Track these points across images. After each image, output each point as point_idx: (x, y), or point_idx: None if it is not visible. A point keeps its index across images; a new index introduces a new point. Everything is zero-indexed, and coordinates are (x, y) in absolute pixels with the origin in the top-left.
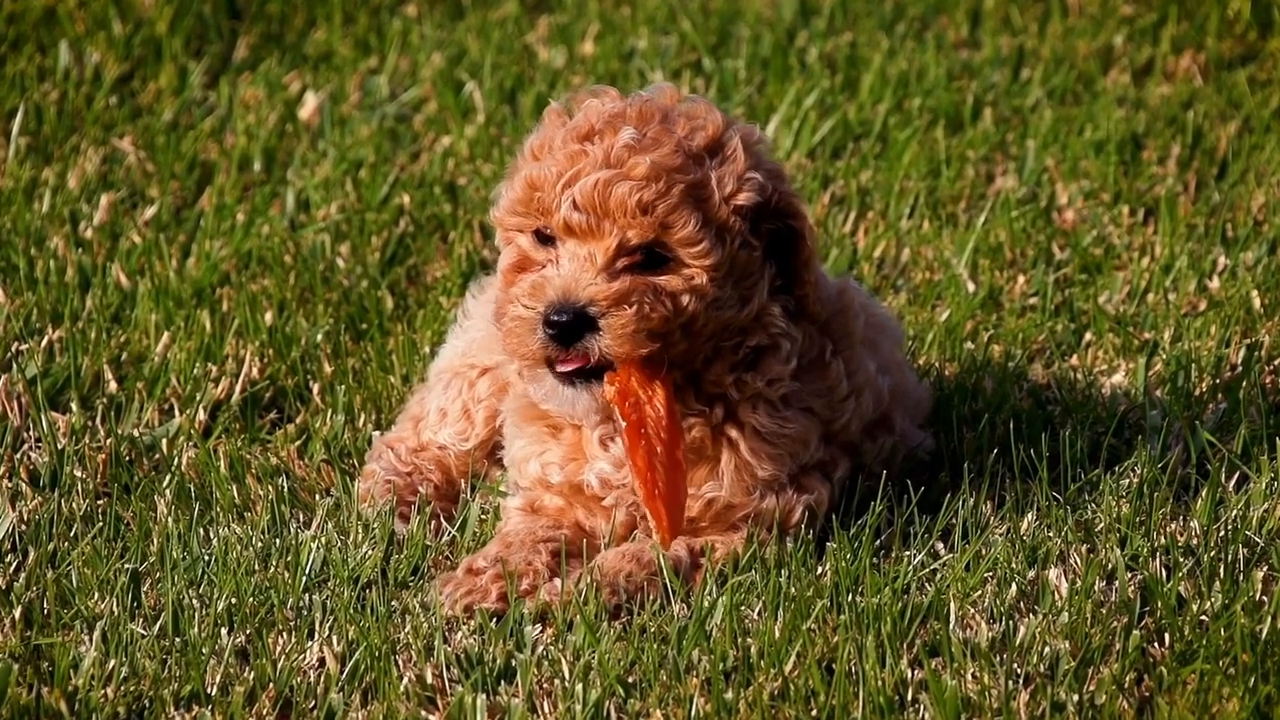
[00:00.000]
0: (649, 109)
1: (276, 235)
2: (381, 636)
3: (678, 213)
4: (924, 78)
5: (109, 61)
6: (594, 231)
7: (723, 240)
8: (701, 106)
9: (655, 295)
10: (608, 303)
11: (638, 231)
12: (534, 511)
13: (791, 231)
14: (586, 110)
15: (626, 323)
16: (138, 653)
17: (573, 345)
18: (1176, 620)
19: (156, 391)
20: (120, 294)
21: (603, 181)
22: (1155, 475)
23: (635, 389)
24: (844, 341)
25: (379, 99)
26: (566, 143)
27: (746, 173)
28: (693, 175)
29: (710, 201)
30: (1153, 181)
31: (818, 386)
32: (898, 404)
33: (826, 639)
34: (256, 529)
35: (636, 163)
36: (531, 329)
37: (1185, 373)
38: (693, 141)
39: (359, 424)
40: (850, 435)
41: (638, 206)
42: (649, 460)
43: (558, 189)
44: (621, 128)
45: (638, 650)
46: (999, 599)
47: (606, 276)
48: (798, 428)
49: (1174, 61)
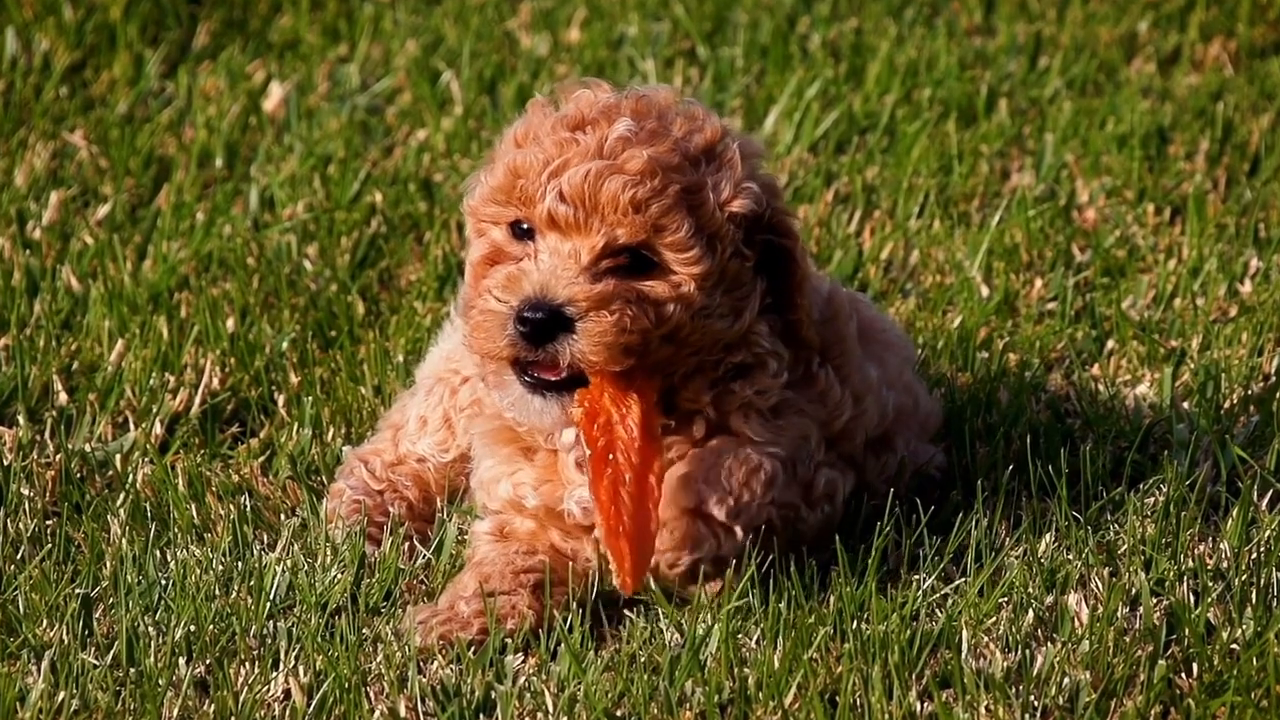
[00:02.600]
0: (645, 104)
1: (239, 236)
2: (351, 667)
3: (671, 215)
4: (934, 67)
5: (59, 49)
6: (580, 227)
7: (714, 249)
8: (700, 109)
9: (639, 304)
10: (588, 305)
11: (627, 231)
12: (504, 536)
13: (783, 252)
14: (578, 100)
15: (605, 330)
16: (89, 684)
17: (544, 346)
18: (1205, 649)
19: (110, 403)
20: (71, 299)
21: (594, 173)
22: (1182, 493)
23: (607, 406)
24: (835, 349)
25: (349, 89)
26: (556, 130)
27: (743, 181)
28: (689, 177)
29: (705, 207)
30: (1180, 178)
31: (810, 394)
32: (902, 425)
33: (830, 669)
34: (217, 551)
35: (632, 156)
36: (501, 325)
37: (1215, 383)
38: (690, 143)
39: (327, 438)
40: (853, 444)
41: (630, 203)
42: (613, 492)
43: (543, 178)
44: (617, 119)
45: (627, 681)
46: (1015, 626)
47: (589, 276)
48: (795, 427)
49: (1203, 49)
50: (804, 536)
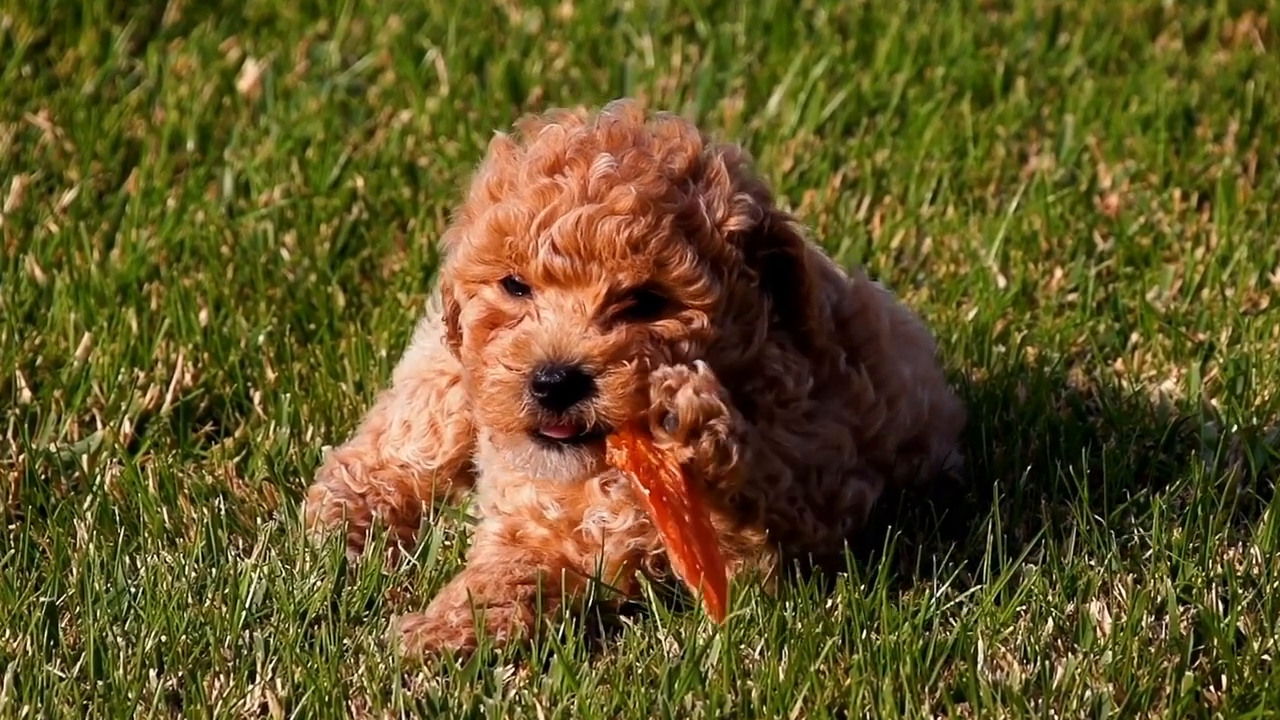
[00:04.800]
0: (618, 131)
1: (212, 223)
2: (332, 679)
3: (671, 248)
4: (948, 44)
5: (21, 26)
6: (579, 277)
7: (720, 274)
8: (675, 124)
9: (655, 345)
10: (604, 358)
11: (629, 273)
12: (514, 540)
13: (787, 260)
14: (547, 138)
15: (627, 380)
16: (55, 698)
17: (565, 410)
18: (1235, 660)
19: (76, 401)
20: (35, 290)
21: (585, 218)
22: (1210, 496)
23: (644, 453)
24: (868, 346)
25: (329, 68)
26: (533, 177)
27: (735, 194)
28: (681, 203)
29: (702, 230)
30: (1208, 162)
31: (843, 398)
32: (935, 424)
33: (838, 681)
34: (190, 557)
35: (619, 194)
36: (516, 394)
37: (1244, 379)
38: (673, 165)
39: (306, 437)
40: (885, 451)
41: (627, 244)
42: (681, 531)
43: (532, 231)
44: (595, 155)
45: (623, 694)
46: (1033, 636)
47: (599, 328)
48: (827, 433)
49: (1231, 25)
50: (825, 555)
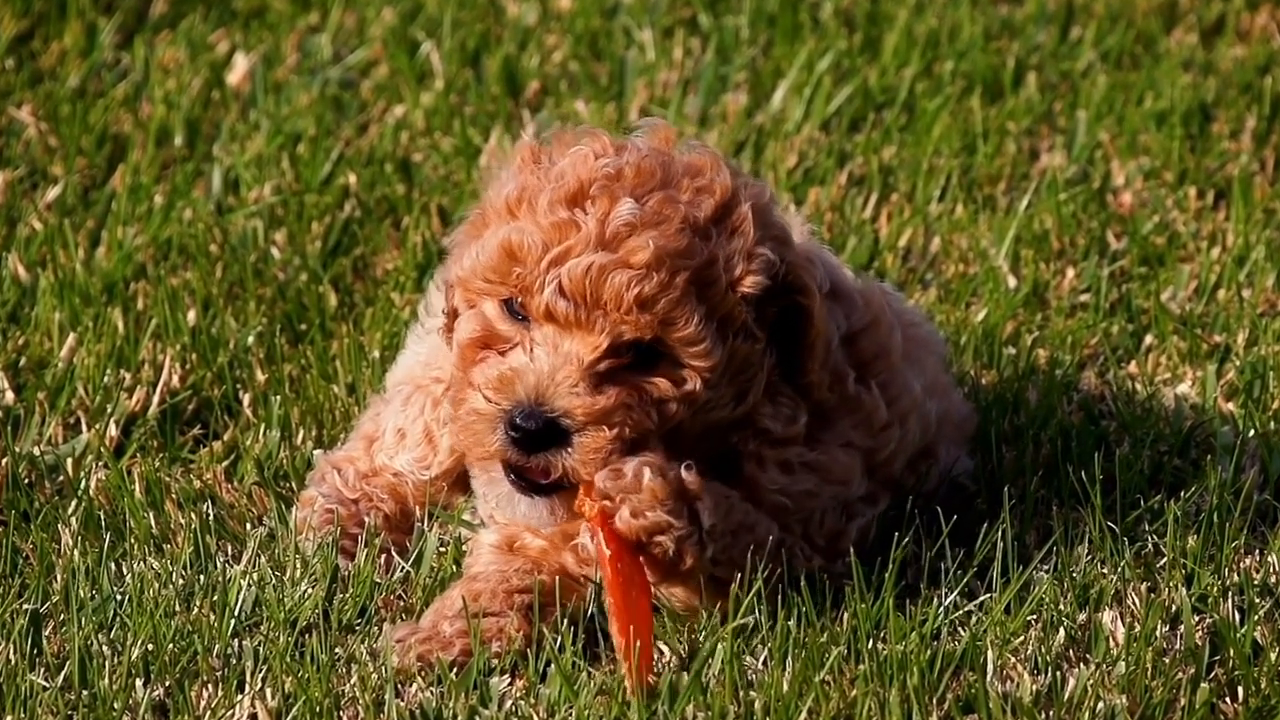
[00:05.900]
0: (648, 165)
1: (201, 221)
2: (323, 689)
3: (680, 308)
4: (957, 37)
5: (4, 18)
6: (581, 324)
7: (724, 336)
8: (708, 159)
9: (640, 406)
10: (586, 420)
11: (632, 328)
12: (511, 550)
13: (798, 310)
14: (574, 161)
15: (600, 446)
16: (39, 708)
17: (535, 454)
18: (1252, 671)
19: (60, 403)
20: (18, 289)
21: (597, 267)
22: (1226, 502)
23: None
24: (880, 363)
25: (320, 61)
26: (554, 207)
27: (756, 248)
28: (699, 257)
29: (715, 287)
30: (1224, 159)
31: (852, 420)
32: (943, 434)
33: (843, 692)
34: (177, 564)
35: (636, 247)
36: (491, 427)
37: (1262, 382)
38: (699, 210)
39: (297, 441)
40: (893, 470)
41: (636, 301)
42: (626, 602)
43: (542, 266)
44: (619, 196)
45: (622, 705)
46: (1044, 646)
47: (589, 384)
48: (832, 467)
49: (1249, 18)
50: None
